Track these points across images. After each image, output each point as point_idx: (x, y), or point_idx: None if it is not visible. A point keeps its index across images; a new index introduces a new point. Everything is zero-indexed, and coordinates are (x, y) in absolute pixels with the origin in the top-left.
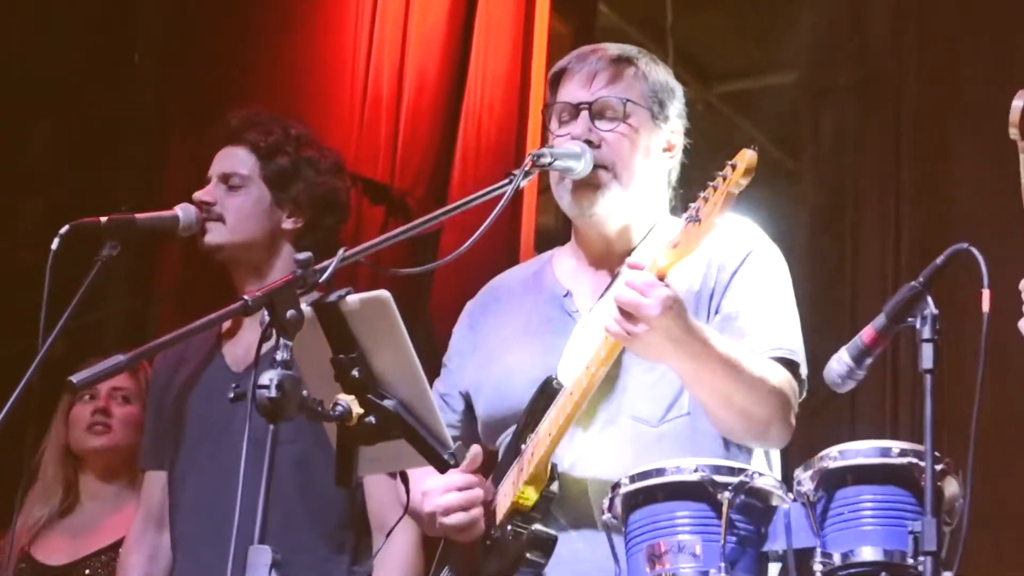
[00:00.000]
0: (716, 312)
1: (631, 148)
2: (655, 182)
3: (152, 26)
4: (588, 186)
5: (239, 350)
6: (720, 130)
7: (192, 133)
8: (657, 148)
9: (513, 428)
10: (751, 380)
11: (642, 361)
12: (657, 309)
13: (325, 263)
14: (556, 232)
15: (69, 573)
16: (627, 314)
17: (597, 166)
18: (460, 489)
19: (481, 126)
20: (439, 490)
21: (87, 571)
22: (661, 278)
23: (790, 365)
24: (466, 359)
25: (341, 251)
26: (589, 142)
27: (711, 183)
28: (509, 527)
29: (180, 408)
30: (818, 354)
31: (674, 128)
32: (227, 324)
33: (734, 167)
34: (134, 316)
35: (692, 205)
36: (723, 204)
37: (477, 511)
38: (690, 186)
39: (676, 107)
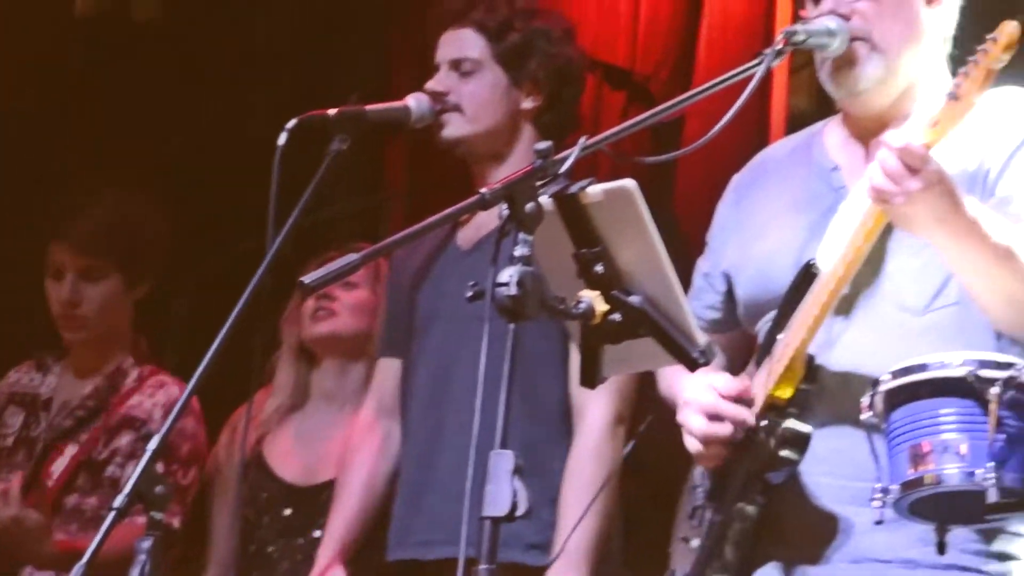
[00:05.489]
0: (991, 195)
1: (884, 11)
2: (925, 40)
3: None
4: (846, 64)
5: (470, 231)
6: None
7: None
8: (919, 2)
9: (773, 314)
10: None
11: (909, 245)
12: (919, 183)
13: (565, 152)
14: (810, 114)
15: (303, 500)
16: (891, 179)
17: (853, 39)
18: (720, 417)
19: (728, 4)
20: (694, 407)
21: (324, 497)
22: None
23: None
24: (729, 236)
25: (582, 140)
26: (843, 16)
27: (971, 58)
28: (762, 422)
29: (414, 293)
30: None
31: None
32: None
33: (995, 40)
34: (366, 214)
35: (953, 81)
36: (983, 81)
37: (717, 449)
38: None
39: None
